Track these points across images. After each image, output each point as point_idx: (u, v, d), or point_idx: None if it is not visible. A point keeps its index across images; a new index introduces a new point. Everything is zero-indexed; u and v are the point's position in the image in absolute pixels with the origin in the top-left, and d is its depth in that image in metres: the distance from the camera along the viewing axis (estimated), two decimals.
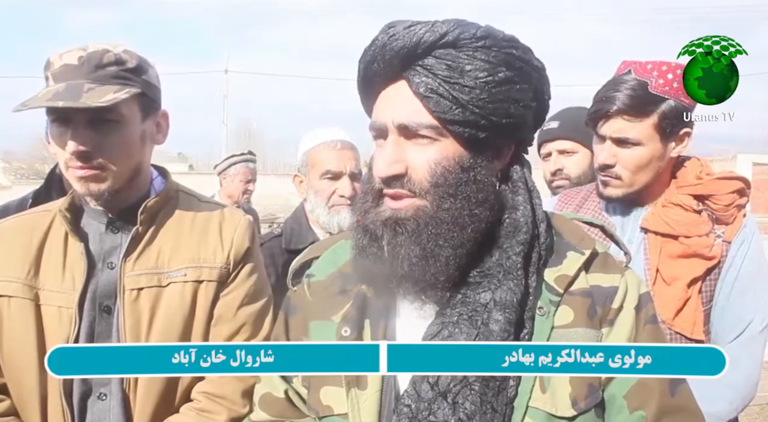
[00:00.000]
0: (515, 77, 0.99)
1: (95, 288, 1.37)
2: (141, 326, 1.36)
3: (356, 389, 1.02)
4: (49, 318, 1.36)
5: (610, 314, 1.03)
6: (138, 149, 1.40)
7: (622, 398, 1.01)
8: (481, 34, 0.98)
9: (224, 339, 1.42)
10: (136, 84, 1.35)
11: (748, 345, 1.67)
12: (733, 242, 1.68)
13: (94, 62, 1.31)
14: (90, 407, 1.36)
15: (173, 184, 1.51)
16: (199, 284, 1.40)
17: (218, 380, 1.40)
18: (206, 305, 1.41)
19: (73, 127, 1.31)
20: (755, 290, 1.69)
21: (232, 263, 1.44)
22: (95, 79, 1.30)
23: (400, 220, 0.99)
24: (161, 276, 1.39)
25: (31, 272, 1.38)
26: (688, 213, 1.68)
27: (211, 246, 1.44)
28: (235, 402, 1.38)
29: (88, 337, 1.35)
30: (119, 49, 1.36)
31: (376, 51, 1.00)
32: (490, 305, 0.98)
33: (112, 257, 1.40)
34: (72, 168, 1.34)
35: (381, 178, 1.00)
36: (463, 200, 0.98)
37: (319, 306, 1.12)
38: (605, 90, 1.67)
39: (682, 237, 1.66)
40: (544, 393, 0.97)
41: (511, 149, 1.05)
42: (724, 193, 1.69)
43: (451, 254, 0.97)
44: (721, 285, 1.68)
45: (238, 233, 1.47)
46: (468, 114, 0.96)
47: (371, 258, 1.01)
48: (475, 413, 0.93)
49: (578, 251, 1.06)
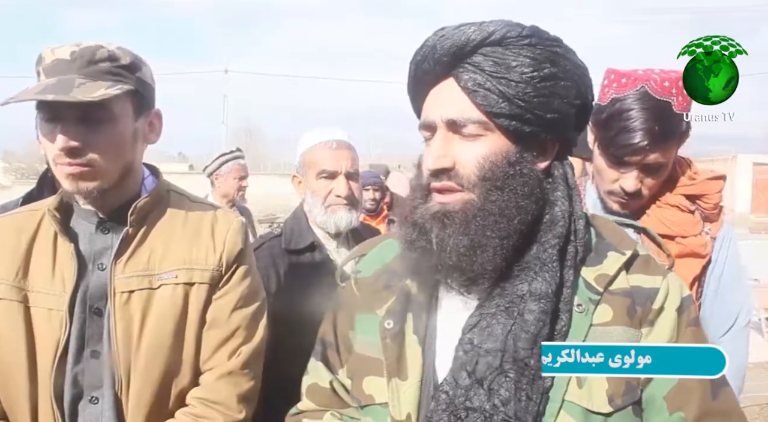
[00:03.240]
0: (559, 73, 1.02)
1: (86, 290, 1.35)
2: (132, 329, 1.34)
3: (397, 379, 1.05)
4: (38, 320, 1.33)
5: (651, 314, 1.04)
6: (129, 147, 1.37)
7: (662, 399, 1.02)
8: (527, 33, 1.02)
9: (218, 343, 1.40)
10: (129, 81, 1.32)
11: (738, 339, 1.71)
12: (717, 238, 1.72)
13: (86, 58, 1.28)
14: (81, 411, 1.34)
15: (165, 184, 1.48)
16: (190, 286, 1.38)
17: (213, 385, 1.39)
18: (198, 308, 1.39)
19: (63, 122, 1.27)
20: (738, 284, 1.74)
21: (224, 266, 1.42)
22: (87, 75, 1.27)
23: (449, 213, 1.01)
24: (152, 278, 1.36)
25: (19, 274, 1.35)
26: (684, 213, 1.70)
27: (203, 248, 1.41)
28: (231, 408, 1.37)
29: (79, 340, 1.33)
30: (113, 46, 1.33)
31: (427, 51, 1.05)
32: (526, 296, 1.00)
33: (103, 258, 1.37)
34: (60, 165, 1.30)
35: (429, 171, 1.03)
36: (509, 192, 1.00)
37: (365, 300, 1.16)
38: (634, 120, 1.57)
39: (678, 237, 1.67)
40: (581, 387, 0.98)
41: (555, 146, 1.08)
42: (713, 192, 1.72)
43: (498, 244, 1.00)
44: (708, 281, 1.71)
45: (230, 235, 1.45)
46: (514, 108, 1.00)
47: (419, 251, 1.04)
48: (509, 400, 0.95)
49: (619, 252, 1.08)
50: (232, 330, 1.41)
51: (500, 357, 0.98)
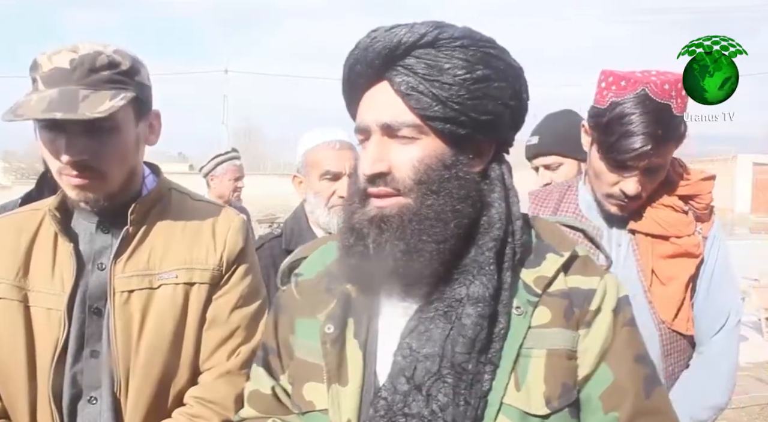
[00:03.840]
0: (493, 75, 1.01)
1: (85, 290, 1.34)
2: (132, 329, 1.33)
3: (337, 385, 1.04)
4: (38, 319, 1.33)
5: (588, 315, 1.04)
6: (133, 153, 1.36)
7: (598, 398, 1.02)
8: (459, 35, 1.00)
9: (217, 343, 1.40)
10: (130, 88, 1.30)
11: (730, 337, 1.73)
12: (708, 238, 1.73)
13: (87, 66, 1.25)
14: (80, 411, 1.33)
15: (165, 182, 1.47)
16: (191, 286, 1.38)
17: (210, 385, 1.38)
18: (198, 308, 1.38)
19: (68, 136, 1.26)
20: (728, 282, 1.76)
21: (225, 265, 1.42)
22: (89, 85, 1.25)
23: (385, 217, 1.00)
24: (152, 278, 1.36)
25: (19, 273, 1.35)
26: (678, 214, 1.71)
27: (204, 247, 1.41)
28: (227, 407, 1.37)
29: (78, 340, 1.33)
30: (110, 49, 1.30)
31: (359, 54, 1.03)
32: (464, 300, 0.99)
33: (103, 257, 1.37)
34: (67, 176, 1.30)
35: (365, 176, 1.01)
36: (445, 196, 0.99)
37: (306, 304, 1.14)
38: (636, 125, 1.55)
39: (673, 237, 1.68)
40: (519, 390, 0.98)
41: (491, 148, 1.07)
42: (705, 192, 1.73)
43: (435, 249, 0.99)
44: (700, 280, 1.73)
45: (231, 234, 1.44)
46: (448, 111, 0.99)
47: (357, 256, 1.03)
48: (448, 405, 0.95)
49: (557, 253, 1.07)
50: (232, 330, 1.41)
51: (438, 362, 0.97)
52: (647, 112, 1.55)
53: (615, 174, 1.63)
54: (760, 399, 5.24)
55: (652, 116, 1.55)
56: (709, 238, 1.73)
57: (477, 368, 0.97)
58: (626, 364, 1.03)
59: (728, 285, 1.76)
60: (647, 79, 1.57)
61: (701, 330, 1.72)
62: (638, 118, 1.55)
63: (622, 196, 1.64)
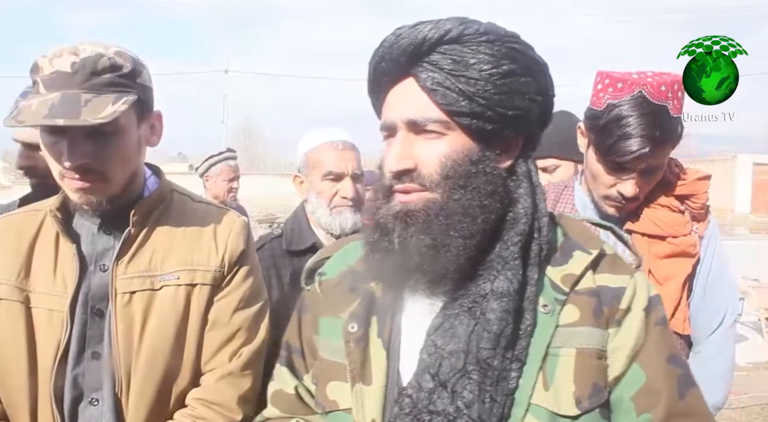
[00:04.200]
0: (518, 70, 1.01)
1: (87, 291, 1.34)
2: (133, 330, 1.33)
3: (361, 384, 1.03)
4: (39, 321, 1.33)
5: (617, 314, 1.02)
6: (135, 155, 1.36)
7: (630, 400, 1.00)
8: (484, 30, 1.00)
9: (219, 344, 1.39)
10: (132, 90, 1.29)
11: (727, 335, 1.74)
12: (704, 237, 1.74)
13: (88, 69, 1.24)
14: (81, 412, 1.33)
15: (167, 183, 1.47)
16: (192, 287, 1.37)
17: (213, 387, 1.38)
18: (200, 310, 1.38)
19: (70, 140, 1.25)
20: (724, 281, 1.77)
21: (226, 266, 1.41)
22: (91, 88, 1.24)
23: (411, 212, 1.00)
24: (154, 279, 1.35)
25: (21, 274, 1.34)
26: (675, 214, 1.71)
27: (205, 249, 1.40)
28: (231, 410, 1.37)
29: (80, 341, 1.33)
30: (111, 50, 1.28)
31: (384, 51, 1.03)
32: (488, 296, 0.99)
33: (105, 259, 1.36)
34: (69, 179, 1.29)
35: (391, 173, 1.01)
36: (473, 191, 0.99)
37: (330, 303, 1.13)
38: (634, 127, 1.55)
39: (670, 237, 1.68)
40: (547, 390, 0.96)
41: (518, 144, 1.06)
42: (701, 192, 1.74)
43: (461, 244, 0.98)
44: (697, 280, 1.73)
45: (232, 236, 1.44)
46: (474, 105, 0.99)
47: (382, 252, 1.03)
48: (473, 402, 0.93)
49: (585, 251, 1.07)
50: (234, 331, 1.40)
51: (463, 358, 0.96)
52: (644, 114, 1.55)
53: (612, 176, 1.63)
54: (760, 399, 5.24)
55: (649, 118, 1.54)
56: (705, 237, 1.74)
57: (503, 364, 0.95)
58: (659, 364, 1.01)
59: (724, 285, 1.77)
60: (644, 81, 1.57)
61: (697, 330, 1.72)
62: (635, 120, 1.55)
63: (620, 197, 1.64)
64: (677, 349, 1.07)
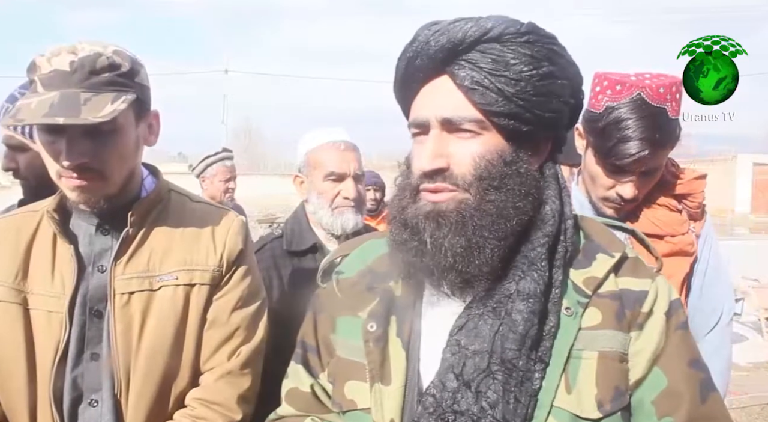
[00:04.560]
0: (557, 72, 1.00)
1: (86, 292, 1.34)
2: (132, 331, 1.33)
3: (380, 384, 1.02)
4: (38, 322, 1.32)
5: (640, 317, 1.02)
6: (133, 154, 1.36)
7: (651, 403, 0.99)
8: (525, 30, 0.99)
9: (218, 343, 1.39)
10: (130, 89, 1.29)
11: (724, 333, 1.75)
12: (700, 236, 1.76)
13: (87, 69, 1.24)
14: (81, 413, 1.33)
15: (165, 183, 1.47)
16: (191, 287, 1.37)
17: (213, 386, 1.38)
18: (199, 309, 1.38)
19: (68, 139, 1.25)
20: (721, 279, 1.79)
21: (225, 266, 1.41)
22: (90, 87, 1.24)
23: (443, 213, 0.99)
24: (152, 279, 1.35)
25: (19, 276, 1.34)
26: (673, 213, 1.72)
27: (204, 248, 1.40)
28: (231, 409, 1.37)
29: (79, 342, 1.33)
30: (109, 50, 1.28)
31: (419, 47, 1.01)
32: (513, 296, 0.98)
33: (103, 259, 1.36)
34: (67, 178, 1.29)
35: (424, 172, 1.00)
36: (507, 192, 0.99)
37: (347, 302, 1.12)
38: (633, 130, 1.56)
39: (668, 237, 1.69)
40: (570, 393, 0.96)
41: (548, 145, 1.06)
42: (698, 191, 1.75)
43: (496, 245, 0.98)
44: (694, 279, 1.74)
45: (231, 235, 1.44)
46: (512, 106, 0.98)
47: (412, 252, 1.01)
48: (497, 402, 0.93)
49: (608, 254, 1.06)
50: (232, 331, 1.40)
51: (488, 358, 0.95)
52: (643, 116, 1.55)
53: (611, 178, 1.63)
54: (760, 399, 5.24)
55: (648, 120, 1.54)
56: (701, 236, 1.75)
57: (527, 365, 0.95)
58: (680, 368, 1.01)
59: (721, 283, 1.78)
60: (642, 83, 1.57)
61: (695, 328, 1.72)
62: (635, 123, 1.55)
63: (619, 199, 1.65)
64: (698, 353, 1.06)
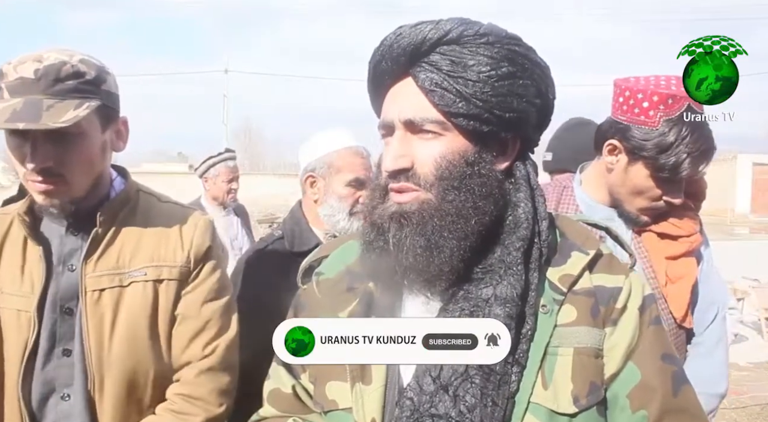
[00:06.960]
0: (518, 72, 1.01)
1: (56, 291, 1.36)
2: (104, 326, 1.35)
3: (361, 384, 1.03)
4: (7, 321, 1.35)
5: (614, 313, 1.03)
6: (99, 159, 1.38)
7: (625, 397, 1.01)
8: (484, 31, 1.00)
9: (190, 336, 1.42)
10: (95, 96, 1.31)
11: (723, 325, 1.80)
12: None
13: (51, 76, 1.27)
14: (53, 407, 1.35)
15: (133, 184, 1.50)
16: (160, 283, 1.40)
17: (194, 381, 1.41)
18: (168, 305, 1.40)
19: (32, 143, 1.28)
20: (714, 274, 1.83)
21: (192, 262, 1.44)
22: (54, 94, 1.27)
23: (405, 213, 1.00)
24: (122, 276, 1.38)
25: None
26: (688, 213, 1.74)
27: (171, 246, 1.43)
28: (211, 403, 1.40)
29: (50, 339, 1.35)
30: (75, 58, 1.31)
31: (384, 50, 1.03)
32: (491, 301, 0.98)
33: (73, 259, 1.38)
34: (32, 182, 1.31)
35: (388, 172, 1.01)
36: (467, 192, 0.99)
37: (327, 303, 1.13)
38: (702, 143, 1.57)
39: (682, 237, 1.71)
40: (546, 389, 0.97)
41: (515, 146, 1.06)
42: (702, 190, 1.82)
43: (456, 245, 0.98)
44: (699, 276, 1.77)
45: (197, 233, 1.46)
46: (472, 107, 0.99)
47: (377, 252, 1.03)
48: (475, 406, 0.94)
49: (582, 251, 1.07)
50: (204, 323, 1.43)
51: None
52: (699, 127, 1.57)
53: (663, 188, 1.64)
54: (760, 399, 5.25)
55: (704, 128, 1.57)
56: None
57: (504, 368, 0.96)
58: (653, 362, 1.03)
59: (715, 277, 1.82)
60: (681, 92, 1.55)
61: (696, 323, 1.76)
62: (698, 136, 1.57)
63: (664, 206, 1.66)
64: (671, 347, 1.08)
